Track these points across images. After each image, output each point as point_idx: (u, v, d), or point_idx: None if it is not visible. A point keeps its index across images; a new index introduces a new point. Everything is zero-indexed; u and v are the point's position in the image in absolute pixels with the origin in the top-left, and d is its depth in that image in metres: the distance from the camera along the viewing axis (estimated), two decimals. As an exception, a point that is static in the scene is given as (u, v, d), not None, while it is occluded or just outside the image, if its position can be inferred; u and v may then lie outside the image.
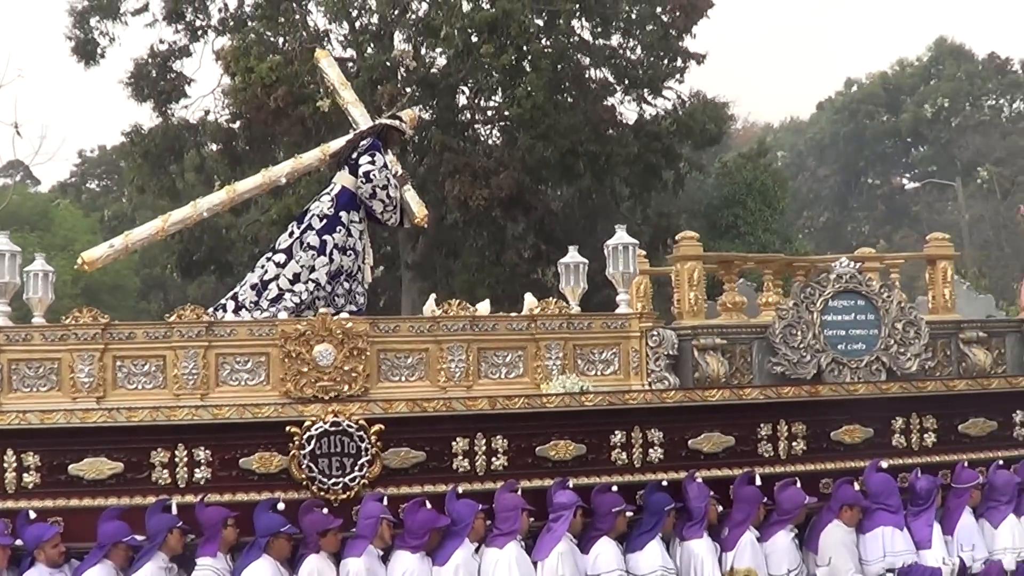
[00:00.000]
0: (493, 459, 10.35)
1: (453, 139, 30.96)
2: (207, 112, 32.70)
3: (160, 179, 32.14)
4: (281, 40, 31.56)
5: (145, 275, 41.75)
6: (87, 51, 32.53)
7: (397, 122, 12.67)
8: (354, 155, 12.20)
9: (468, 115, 33.09)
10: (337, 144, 12.67)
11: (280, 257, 11.80)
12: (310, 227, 11.87)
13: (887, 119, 64.01)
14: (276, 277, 11.71)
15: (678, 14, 32.81)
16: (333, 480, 9.82)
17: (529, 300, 11.90)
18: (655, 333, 11.15)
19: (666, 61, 33.71)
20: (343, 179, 12.16)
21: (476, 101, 33.12)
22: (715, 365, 11.19)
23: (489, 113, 33.84)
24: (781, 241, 35.18)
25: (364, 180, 11.99)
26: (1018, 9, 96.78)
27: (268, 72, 28.94)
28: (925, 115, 62.01)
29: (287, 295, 11.59)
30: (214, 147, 32.91)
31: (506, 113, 32.39)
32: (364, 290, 12.22)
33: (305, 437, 9.80)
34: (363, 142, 12.29)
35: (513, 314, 11.49)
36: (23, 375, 10.20)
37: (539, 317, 10.99)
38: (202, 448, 9.84)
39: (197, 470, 9.83)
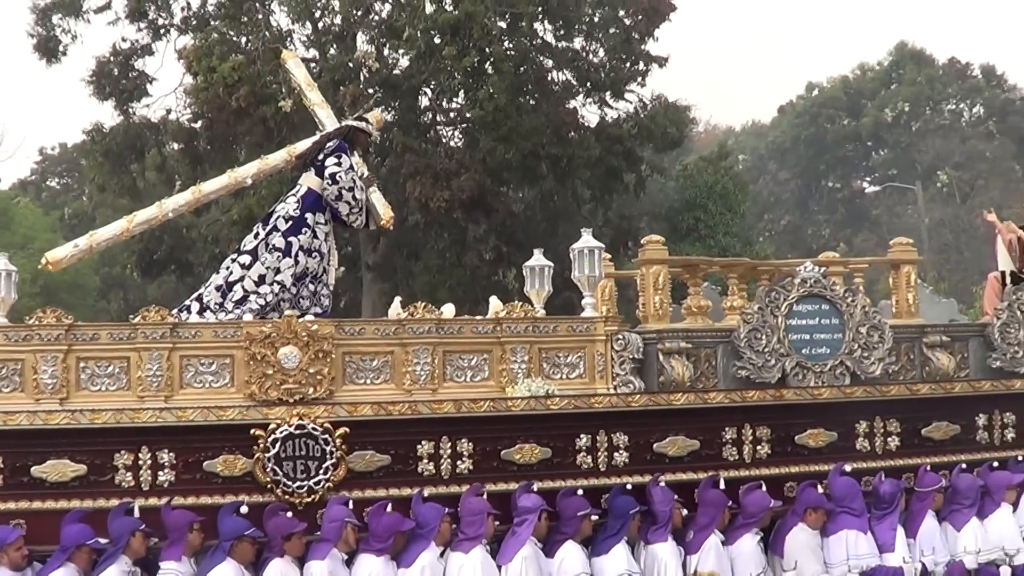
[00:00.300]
0: (458, 462, 10.33)
1: (415, 140, 31.04)
2: (169, 111, 32.83)
3: (121, 178, 32.15)
4: (244, 40, 31.70)
5: (105, 274, 41.59)
6: (49, 48, 32.55)
7: (363, 124, 12.63)
8: (320, 157, 12.15)
9: (430, 117, 33.21)
10: (303, 145, 12.63)
11: (245, 259, 11.75)
12: (276, 229, 11.82)
13: (848, 123, 64.56)
14: (241, 279, 11.65)
15: (640, 17, 33.18)
16: (298, 483, 9.79)
17: (494, 303, 11.89)
18: (620, 337, 11.14)
19: (628, 64, 34.01)
20: (309, 181, 12.11)
21: (438, 103, 33.27)
22: (680, 369, 11.15)
23: (451, 115, 34.00)
24: (742, 244, 35.42)
25: (330, 182, 11.95)
26: (978, 14, 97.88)
27: (230, 72, 29.06)
28: (886, 119, 62.54)
29: (252, 297, 11.53)
30: (175, 146, 32.91)
31: (468, 115, 32.52)
32: (329, 292, 12.17)
33: (270, 440, 9.76)
34: (329, 144, 12.24)
35: (478, 317, 11.49)
36: None
37: (505, 320, 10.96)
38: (166, 451, 9.76)
39: (161, 473, 9.76)
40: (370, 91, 30.66)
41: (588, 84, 33.80)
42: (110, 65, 32.32)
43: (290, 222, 11.85)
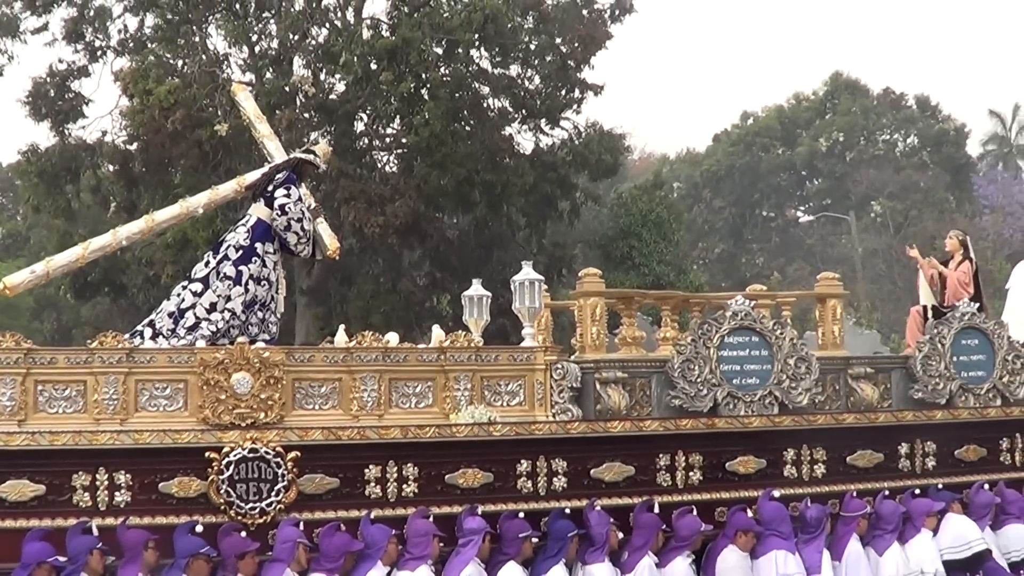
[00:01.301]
0: (404, 486, 10.83)
1: (350, 165, 31.25)
2: (104, 133, 32.95)
3: (56, 199, 32.19)
4: (180, 63, 31.99)
5: (38, 295, 41.43)
6: (-15, 69, 32.56)
7: (311, 156, 13.00)
8: (270, 188, 12.52)
9: (366, 142, 33.43)
10: (253, 176, 13.00)
11: (197, 286, 12.06)
12: (226, 257, 12.14)
13: (782, 152, 64.88)
14: (193, 306, 11.96)
15: (577, 45, 33.61)
16: (250, 505, 10.23)
17: (437, 332, 12.32)
18: (559, 366, 11.64)
19: (564, 92, 34.37)
20: (258, 211, 12.46)
21: (374, 128, 33.49)
22: (616, 398, 11.70)
23: (387, 140, 34.26)
24: (675, 272, 35.78)
25: (279, 212, 12.31)
26: (913, 45, 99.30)
27: (166, 95, 29.33)
28: (820, 149, 63.02)
29: (204, 324, 11.85)
30: (111, 168, 33.08)
31: (404, 140, 32.85)
32: (277, 320, 12.54)
33: (224, 463, 10.19)
34: (278, 175, 12.60)
35: (423, 346, 11.93)
36: None
37: (448, 349, 11.42)
38: (123, 472, 10.14)
39: (117, 493, 10.13)
40: (306, 115, 31.05)
41: (524, 111, 34.18)
42: (46, 86, 32.44)
43: (240, 251, 12.16)
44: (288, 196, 12.41)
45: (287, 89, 30.84)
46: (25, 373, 10.39)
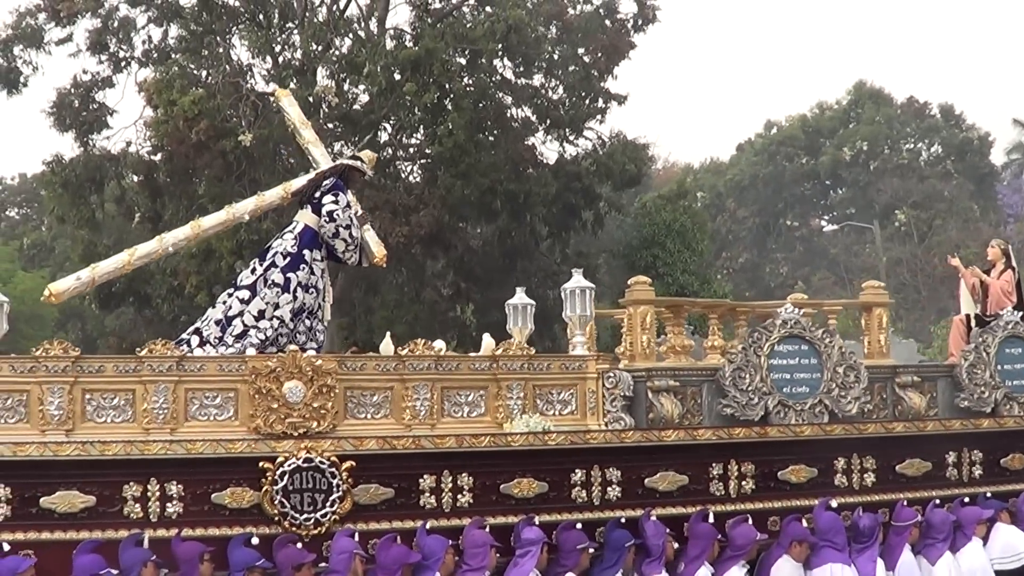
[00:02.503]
0: (459, 496, 10.73)
1: (374, 176, 31.22)
2: (128, 143, 32.88)
3: (80, 209, 32.06)
4: (204, 73, 31.93)
5: (63, 305, 41.50)
6: (10, 80, 32.53)
7: (358, 163, 12.99)
8: (317, 194, 12.51)
9: (389, 152, 33.30)
10: (299, 183, 12.99)
11: (244, 294, 12.06)
12: (274, 264, 12.13)
13: (806, 161, 64.79)
14: (240, 313, 11.95)
15: (600, 55, 33.57)
16: (305, 516, 10.12)
17: (487, 341, 12.33)
18: (612, 375, 11.56)
19: (587, 101, 34.33)
20: (306, 218, 12.45)
21: (398, 138, 33.47)
22: (669, 406, 11.61)
23: (411, 150, 34.27)
24: (699, 282, 35.69)
25: (327, 219, 12.30)
26: (937, 54, 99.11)
27: (190, 105, 29.20)
28: (844, 158, 62.87)
29: (252, 331, 11.83)
30: (135, 178, 33.12)
31: (427, 151, 32.78)
32: (324, 328, 12.50)
33: (278, 473, 10.09)
34: (326, 182, 12.58)
35: (475, 354, 11.94)
36: None
37: (501, 358, 11.36)
38: (174, 483, 10.04)
39: (169, 504, 10.04)
40: (329, 126, 30.99)
41: (547, 121, 34.06)
42: (71, 97, 32.40)
43: (288, 258, 12.16)
44: (336, 202, 12.40)
45: (310, 99, 30.43)
46: (73, 382, 10.34)
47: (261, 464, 10.17)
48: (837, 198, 65.55)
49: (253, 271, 12.29)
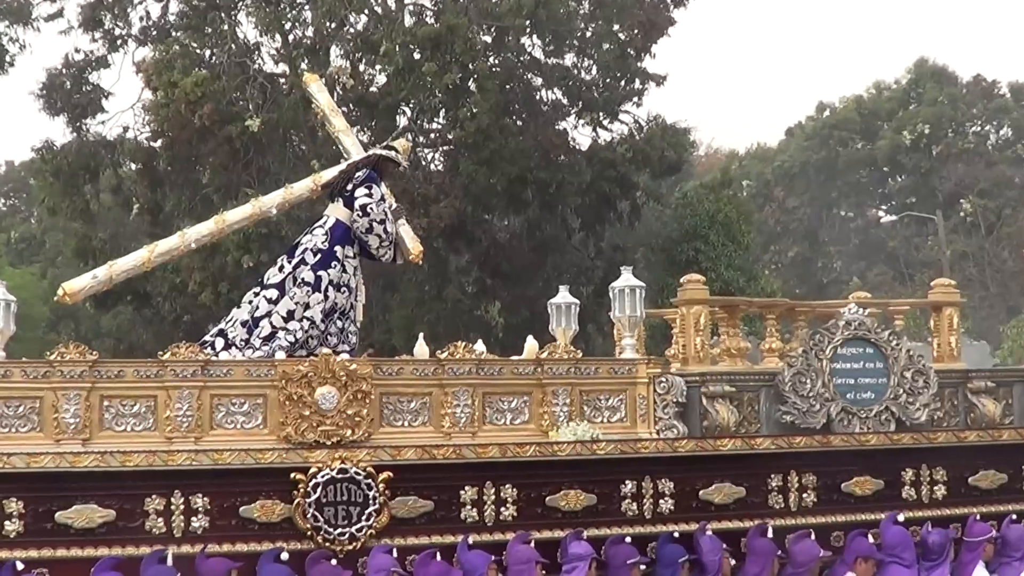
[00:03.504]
0: (502, 509, 10.96)
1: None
2: (126, 129, 33.08)
3: (73, 200, 32.31)
4: (208, 53, 32.13)
5: (55, 304, 41.67)
6: (-5, 59, 32.62)
7: (392, 153, 13.22)
8: (349, 187, 12.72)
9: (409, 137, 33.44)
10: (329, 174, 13.17)
11: (272, 292, 12.27)
12: (303, 262, 12.35)
13: (862, 146, 64.48)
14: (268, 314, 12.16)
15: (636, 32, 33.65)
16: (339, 530, 10.34)
17: (530, 344, 12.59)
18: (663, 379, 11.80)
19: (623, 83, 34.47)
20: (337, 212, 12.68)
21: (417, 123, 33.44)
22: (725, 413, 11.86)
23: (431, 136, 34.41)
24: (745, 278, 35.61)
25: (361, 214, 12.52)
26: (1005, 28, 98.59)
27: (193, 87, 29.40)
28: (903, 142, 62.59)
29: (281, 333, 12.03)
30: (133, 167, 33.39)
31: (449, 136, 32.96)
32: (356, 329, 12.70)
33: (311, 484, 10.30)
34: (358, 173, 12.81)
35: (516, 358, 12.15)
36: (0, 414, 10.46)
37: (546, 362, 11.60)
38: (200, 495, 10.25)
39: (194, 518, 10.24)
40: (344, 109, 31.01)
41: (579, 104, 34.14)
42: (62, 78, 32.61)
43: (318, 255, 12.38)
44: (370, 196, 12.63)
45: (323, 81, 30.53)
46: (90, 387, 10.54)
47: (293, 475, 10.37)
48: (896, 186, 65.39)
49: (281, 269, 12.49)
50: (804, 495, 12.20)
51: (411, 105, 32.58)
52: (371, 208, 12.62)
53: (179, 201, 31.54)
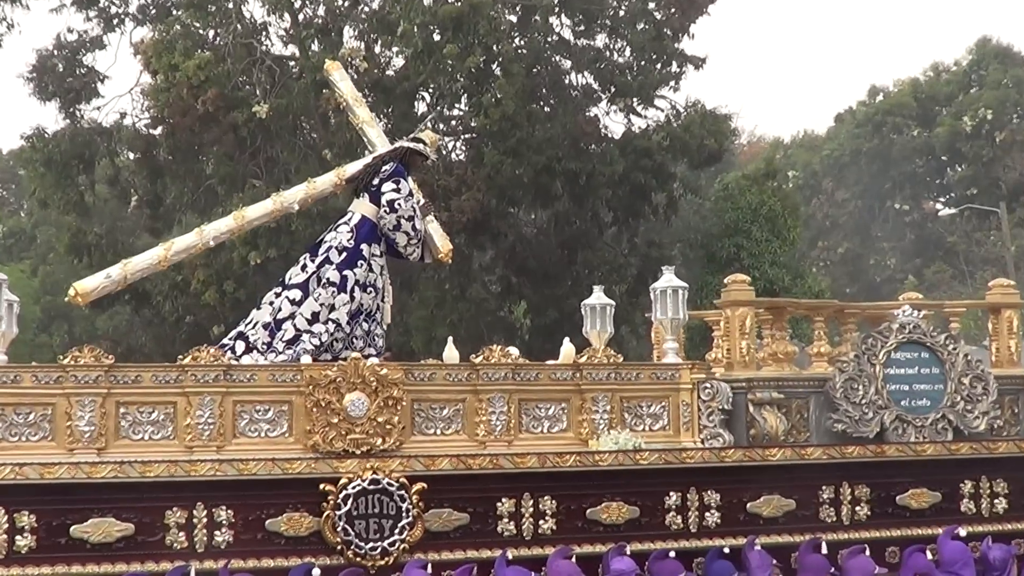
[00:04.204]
0: (541, 522, 11.33)
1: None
2: (123, 115, 33.09)
3: (66, 191, 32.24)
4: (212, 33, 32.18)
5: (47, 304, 41.86)
6: (-19, 40, 32.62)
7: (420, 146, 13.49)
8: (375, 181, 13.05)
9: (428, 125, 33.50)
10: (354, 168, 13.50)
11: (295, 294, 12.59)
12: (328, 261, 12.66)
13: (918, 133, 63.62)
14: (291, 316, 12.48)
15: (673, 11, 33.43)
16: (371, 544, 10.72)
17: (567, 348, 12.88)
18: (708, 385, 12.17)
19: (659, 66, 34.22)
20: (363, 208, 13.01)
21: (438, 109, 33.36)
22: (773, 421, 12.21)
23: (452, 123, 34.28)
24: (791, 276, 35.51)
25: (388, 210, 12.86)
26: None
27: (196, 70, 29.47)
28: (964, 129, 61.82)
29: (305, 336, 12.35)
30: (131, 156, 33.42)
31: (472, 124, 32.83)
32: (383, 332, 13.03)
33: (341, 496, 10.66)
34: (385, 167, 13.09)
35: (552, 362, 12.49)
36: (10, 422, 10.75)
37: (585, 367, 11.93)
38: (224, 507, 10.61)
39: (218, 532, 10.60)
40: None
41: (612, 88, 34.07)
42: (53, 60, 32.61)
43: (344, 254, 12.72)
44: (397, 191, 12.96)
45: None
46: (106, 393, 10.89)
47: (322, 486, 10.71)
48: (955, 177, 64.78)
49: (303, 268, 12.80)
50: (857, 508, 12.53)
51: (431, 90, 32.58)
52: (399, 204, 12.93)
53: (181, 193, 31.66)
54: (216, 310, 29.76)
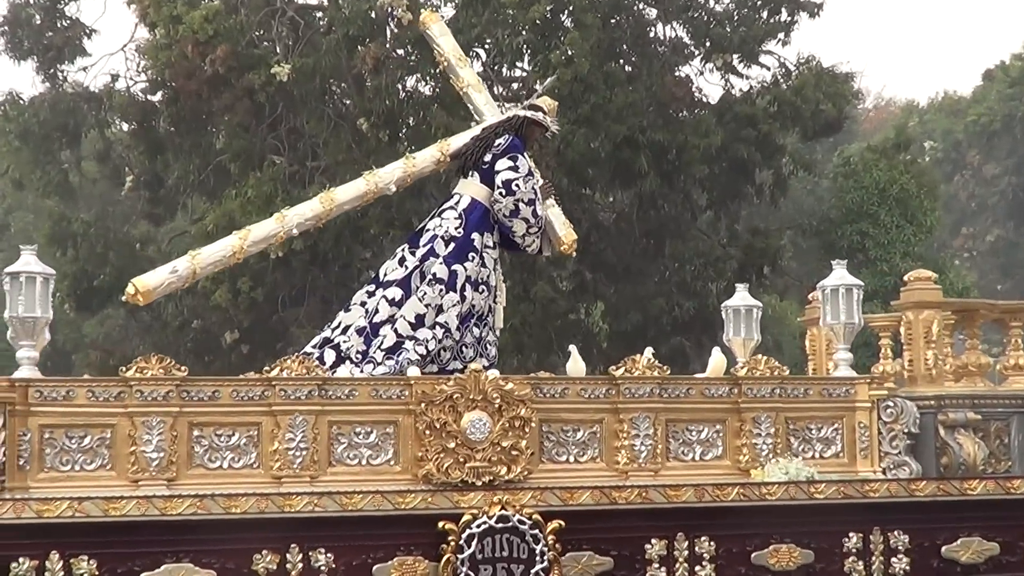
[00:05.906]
0: (697, 568, 11.57)
1: (462, 123, 31.17)
2: (115, 78, 33.45)
3: (47, 170, 32.74)
4: (222, -23, 32.00)
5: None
6: (-59, -15, 32.73)
7: (539, 115, 13.79)
8: (487, 158, 13.32)
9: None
10: (460, 141, 13.79)
11: (394, 293, 12.87)
12: (433, 253, 12.94)
13: (1087, 95, 64.53)
14: (391, 319, 12.76)
15: (783, -53, 33.34)
16: None
17: (717, 359, 13.17)
18: (891, 404, 12.40)
19: (765, 14, 34.46)
20: (472, 189, 13.31)
21: (495, 69, 33.31)
22: (970, 447, 12.45)
23: (513, 87, 34.18)
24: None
25: (504, 192, 13.11)
26: None
27: (202, 24, 29.66)
28: None
29: (408, 344, 12.59)
30: (124, 127, 33.82)
31: (537, 87, 32.80)
32: (496, 339, 13.29)
33: (464, 536, 10.90)
34: (498, 141, 13.38)
35: (700, 376, 12.74)
36: (60, 447, 11.00)
37: (745, 381, 12.20)
38: (322, 551, 10.87)
39: None
40: (399, 52, 31.00)
41: (707, 43, 34.23)
42: (29, 9, 33.00)
43: (451, 244, 12.99)
44: (515, 169, 13.22)
45: (373, 16, 30.78)
46: (177, 413, 11.13)
47: (441, 524, 10.97)
48: None
49: (402, 262, 13.11)
50: (1073, 554, 12.50)
51: (487, 46, 32.70)
52: (517, 185, 13.22)
53: (186, 172, 31.83)
54: (228, 313, 30.18)
